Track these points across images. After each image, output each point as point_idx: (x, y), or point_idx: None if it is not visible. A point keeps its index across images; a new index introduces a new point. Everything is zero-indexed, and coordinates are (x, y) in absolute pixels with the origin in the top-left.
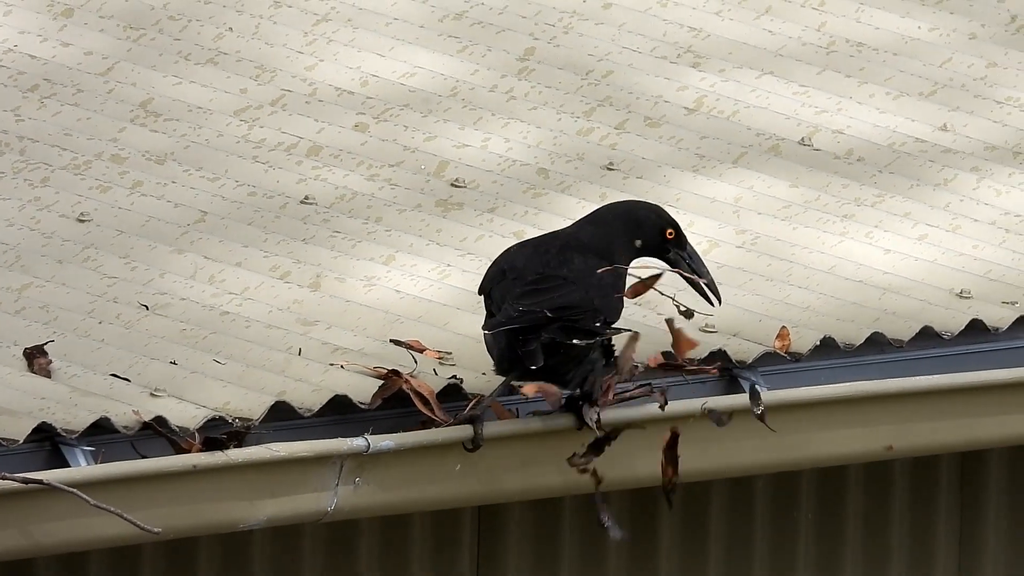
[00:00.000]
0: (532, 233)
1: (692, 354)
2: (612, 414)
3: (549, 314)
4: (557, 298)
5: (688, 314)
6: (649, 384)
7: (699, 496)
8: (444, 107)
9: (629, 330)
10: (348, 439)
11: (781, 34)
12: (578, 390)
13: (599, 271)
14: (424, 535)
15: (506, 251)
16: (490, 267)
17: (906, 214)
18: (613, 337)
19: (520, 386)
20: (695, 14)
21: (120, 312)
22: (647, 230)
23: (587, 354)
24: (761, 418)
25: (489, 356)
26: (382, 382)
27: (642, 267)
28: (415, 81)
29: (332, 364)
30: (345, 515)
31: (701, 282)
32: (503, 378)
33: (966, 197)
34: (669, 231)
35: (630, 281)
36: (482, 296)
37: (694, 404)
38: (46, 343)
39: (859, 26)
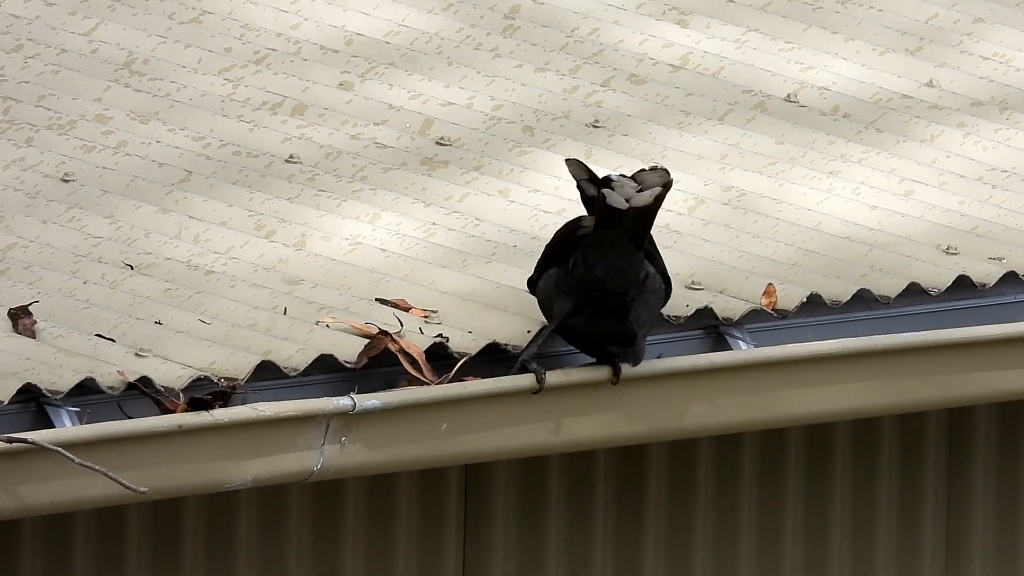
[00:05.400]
0: (518, 191)
1: (676, 311)
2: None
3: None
4: None
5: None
6: None
7: (685, 454)
8: (429, 65)
9: (669, 176)
10: (334, 398)
11: None
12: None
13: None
14: (411, 494)
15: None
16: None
17: (892, 170)
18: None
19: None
20: None
21: (105, 272)
22: None
23: (641, 270)
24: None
25: (542, 311)
26: (368, 341)
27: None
28: (400, 39)
29: (318, 322)
30: (331, 475)
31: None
32: (489, 341)
33: (952, 153)
34: None
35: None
36: (532, 285)
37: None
38: (30, 304)
39: None
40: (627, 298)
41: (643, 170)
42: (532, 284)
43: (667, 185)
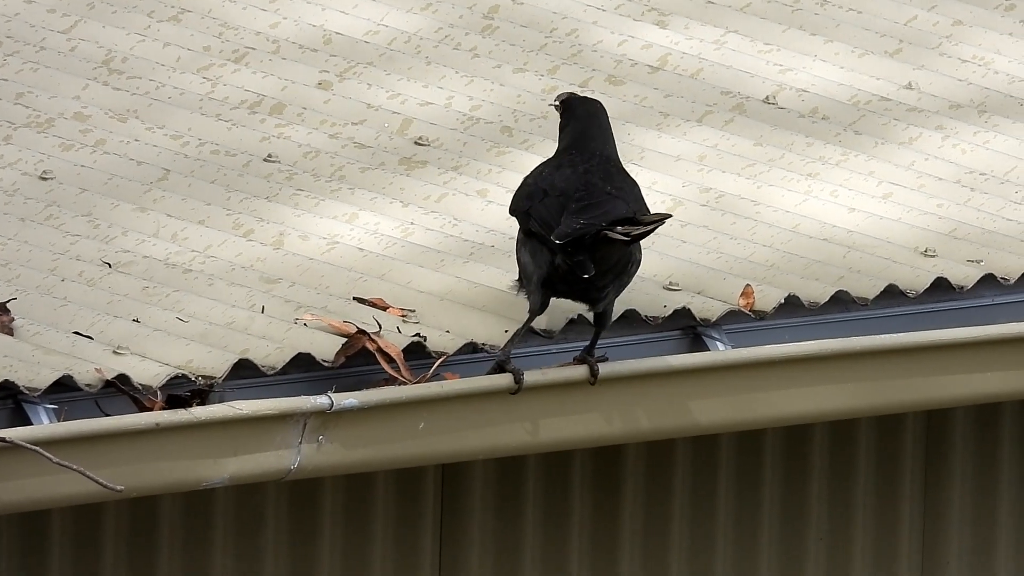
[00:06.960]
0: (496, 192)
1: (654, 311)
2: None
3: (605, 226)
4: (611, 211)
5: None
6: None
7: (663, 454)
8: (408, 65)
9: (669, 215)
10: (311, 397)
11: None
12: (600, 310)
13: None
14: (387, 493)
15: (537, 172)
16: (521, 188)
17: (871, 172)
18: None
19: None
20: None
21: (83, 270)
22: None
23: (627, 262)
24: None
25: (521, 277)
26: (345, 340)
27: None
28: (379, 38)
29: (297, 320)
30: (308, 473)
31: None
32: (466, 341)
33: (931, 156)
34: None
35: None
36: (514, 216)
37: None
38: (8, 301)
39: None
40: (604, 292)
41: (645, 214)
42: (515, 214)
43: (664, 219)
